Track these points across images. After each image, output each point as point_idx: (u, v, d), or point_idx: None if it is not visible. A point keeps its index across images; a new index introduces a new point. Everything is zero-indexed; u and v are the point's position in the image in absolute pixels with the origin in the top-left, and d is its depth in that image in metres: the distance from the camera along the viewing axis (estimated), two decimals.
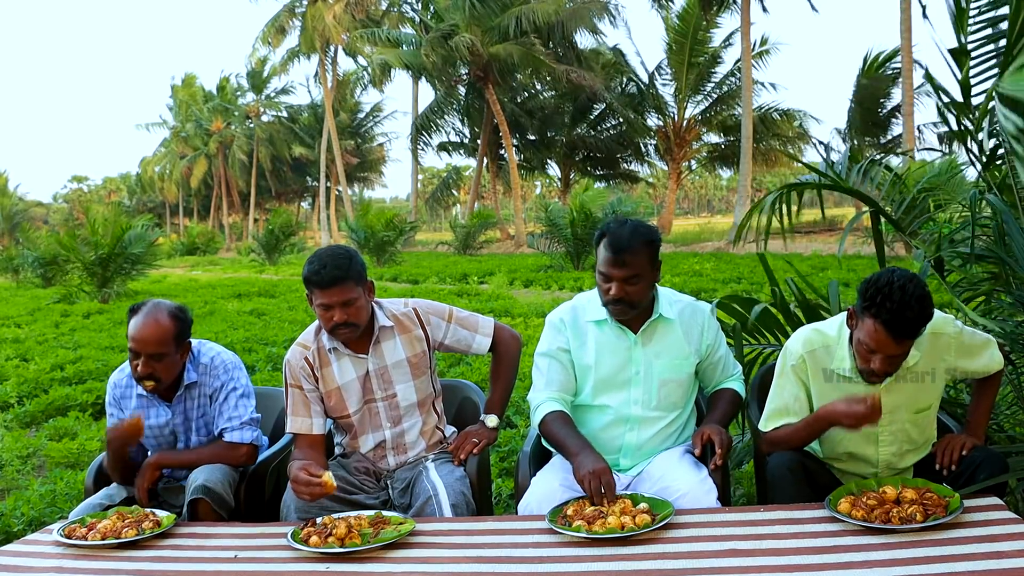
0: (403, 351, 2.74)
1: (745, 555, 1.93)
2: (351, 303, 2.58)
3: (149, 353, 2.66)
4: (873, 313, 2.13)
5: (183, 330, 2.74)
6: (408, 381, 2.75)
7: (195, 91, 55.54)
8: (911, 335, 2.15)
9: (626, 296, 2.50)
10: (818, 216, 35.26)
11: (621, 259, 2.47)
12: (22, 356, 8.65)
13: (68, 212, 74.48)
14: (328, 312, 2.58)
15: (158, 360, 2.68)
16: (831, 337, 2.39)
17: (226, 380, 2.81)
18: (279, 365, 7.26)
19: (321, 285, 2.56)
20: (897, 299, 2.10)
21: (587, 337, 2.63)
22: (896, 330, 2.13)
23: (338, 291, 2.55)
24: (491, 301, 12.21)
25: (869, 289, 2.15)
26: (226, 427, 2.77)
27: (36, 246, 21.07)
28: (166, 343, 2.68)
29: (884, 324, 2.12)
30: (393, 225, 24.23)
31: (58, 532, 2.33)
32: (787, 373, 2.44)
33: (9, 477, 4.73)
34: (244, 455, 2.77)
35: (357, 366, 2.72)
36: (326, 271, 2.55)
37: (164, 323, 2.68)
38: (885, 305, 2.11)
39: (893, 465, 2.45)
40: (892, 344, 2.15)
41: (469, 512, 2.54)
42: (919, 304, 2.12)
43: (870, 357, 2.20)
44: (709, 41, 28.83)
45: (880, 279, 2.15)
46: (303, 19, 36.77)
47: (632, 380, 2.60)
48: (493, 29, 27.79)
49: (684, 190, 73.66)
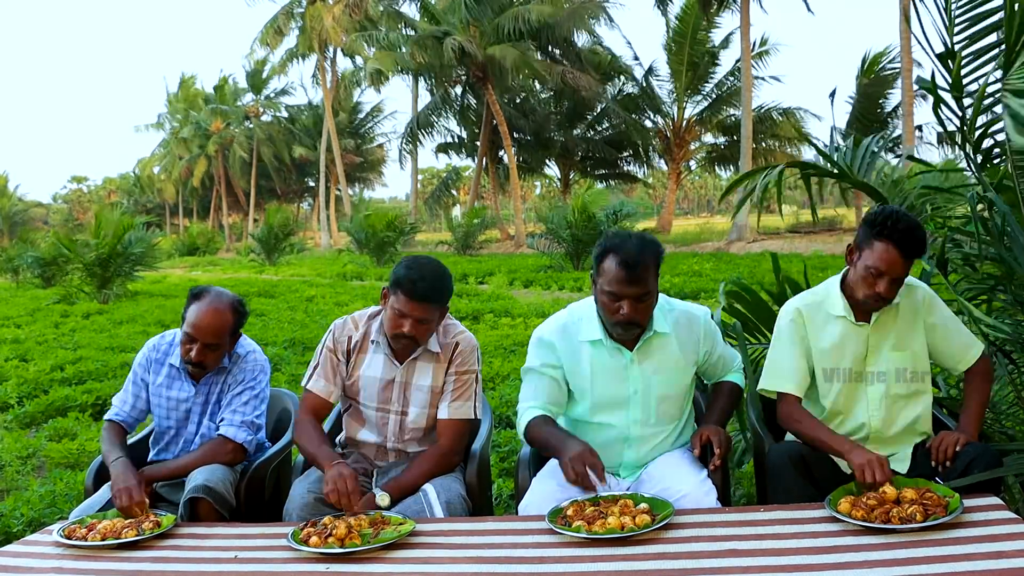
0: (432, 378, 2.70)
1: (745, 555, 1.93)
2: (425, 323, 2.56)
3: (207, 342, 2.72)
4: (886, 235, 2.35)
5: (240, 323, 2.81)
6: (424, 407, 2.71)
7: (195, 92, 55.54)
8: (918, 254, 2.39)
9: (637, 315, 2.41)
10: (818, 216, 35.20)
11: (635, 275, 2.35)
12: (22, 356, 8.65)
13: (68, 213, 74.50)
14: (400, 320, 2.55)
15: (213, 349, 2.74)
16: (820, 292, 2.62)
17: (249, 378, 2.85)
18: (279, 366, 7.28)
19: (410, 295, 2.51)
20: (904, 221, 2.35)
21: (581, 357, 2.56)
22: (907, 249, 2.35)
23: (422, 308, 2.53)
24: (491, 301, 12.20)
25: (878, 217, 2.38)
26: (225, 419, 2.79)
27: (36, 246, 21.05)
28: (224, 334, 2.74)
29: (896, 243, 2.34)
30: (393, 225, 24.24)
31: (58, 533, 2.32)
32: (784, 331, 2.59)
33: (9, 478, 4.73)
34: (230, 452, 2.76)
35: (388, 370, 2.70)
36: (423, 284, 2.50)
37: (226, 314, 2.74)
38: (897, 227, 2.34)
39: (885, 423, 2.51)
40: (901, 264, 2.36)
41: (465, 511, 2.52)
42: (919, 227, 2.38)
43: (876, 282, 2.39)
44: (708, 41, 28.85)
45: (885, 209, 2.41)
46: (302, 20, 36.79)
47: (631, 399, 2.55)
48: (492, 30, 27.80)
49: (684, 190, 73.59)
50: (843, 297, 2.53)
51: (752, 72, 25.04)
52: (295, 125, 49.48)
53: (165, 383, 2.88)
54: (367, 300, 13.21)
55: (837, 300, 2.54)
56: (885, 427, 2.51)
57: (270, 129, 49.36)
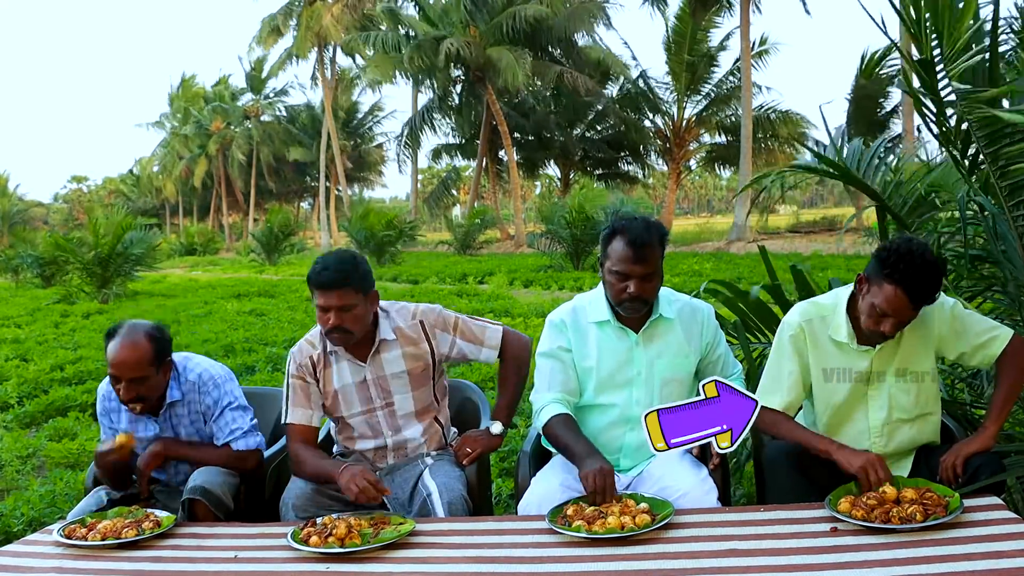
0: (404, 363, 2.73)
1: (745, 555, 1.93)
2: (348, 309, 2.57)
3: (130, 378, 2.62)
4: (895, 279, 2.20)
5: (161, 349, 2.68)
6: (406, 392, 2.74)
7: (195, 91, 55.53)
8: (927, 300, 2.24)
9: (644, 293, 2.47)
10: (818, 216, 35.18)
11: (642, 254, 2.43)
12: (22, 356, 8.65)
13: (68, 212, 74.45)
14: (325, 314, 2.59)
15: (140, 383, 2.64)
16: (827, 307, 2.47)
17: (219, 396, 2.79)
18: (279, 366, 7.26)
19: (321, 286, 2.57)
20: (918, 265, 2.18)
21: (588, 338, 2.61)
22: (915, 295, 2.21)
23: (336, 295, 2.56)
24: (491, 301, 12.20)
25: (890, 256, 2.21)
26: (230, 439, 2.77)
27: (35, 246, 21.02)
28: (145, 366, 2.63)
29: (904, 289, 2.19)
30: (393, 225, 24.22)
31: (58, 532, 2.33)
32: (784, 345, 2.49)
33: (9, 477, 4.73)
34: (253, 461, 2.79)
35: (355, 372, 2.72)
36: (327, 273, 2.56)
37: (141, 345, 2.62)
38: (908, 272, 2.18)
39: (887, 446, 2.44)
40: (908, 308, 2.23)
41: (466, 511, 2.53)
42: (936, 271, 2.22)
43: (881, 320, 2.26)
44: (707, 41, 28.83)
45: (900, 246, 2.22)
46: (299, 20, 36.76)
47: (634, 380, 2.59)
48: (490, 30, 27.78)
49: (684, 190, 73.60)
50: (848, 322, 2.41)
51: (752, 73, 25.02)
52: (294, 125, 49.46)
53: (128, 427, 2.81)
54: None
55: (842, 324, 2.42)
56: (886, 448, 2.45)
57: (270, 129, 49.31)
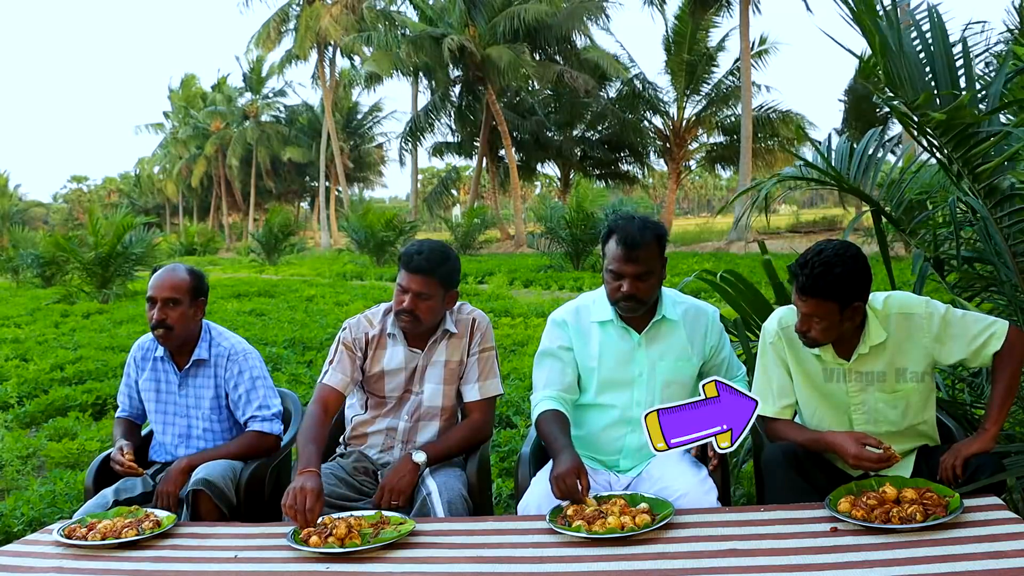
0: (448, 354, 2.76)
1: (745, 555, 1.93)
2: (424, 297, 2.63)
3: (164, 298, 2.81)
4: (794, 284, 2.30)
5: (198, 285, 2.89)
6: (439, 383, 2.76)
7: (195, 91, 55.52)
8: (815, 294, 2.24)
9: (638, 292, 2.49)
10: (818, 216, 35.20)
11: (634, 255, 2.46)
12: (22, 356, 8.65)
13: (68, 212, 74.46)
14: (402, 295, 2.65)
15: (172, 306, 2.82)
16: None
17: (248, 368, 2.92)
18: (279, 365, 7.28)
19: (408, 267, 2.64)
20: (804, 260, 2.26)
21: (591, 338, 2.62)
22: (801, 288, 2.26)
23: (418, 280, 2.62)
24: (491, 301, 12.20)
25: (795, 264, 2.30)
26: (256, 415, 2.86)
27: (35, 245, 21.01)
28: (180, 290, 2.84)
29: (796, 284, 2.28)
30: (393, 225, 24.23)
31: (58, 532, 2.33)
32: (767, 351, 2.52)
33: (9, 477, 4.73)
34: (272, 444, 2.88)
35: (409, 359, 2.76)
36: (418, 258, 2.63)
37: (180, 272, 2.89)
38: (796, 267, 2.28)
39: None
40: (800, 302, 2.28)
41: (466, 510, 2.53)
42: (823, 265, 2.22)
43: (802, 323, 2.32)
44: (707, 41, 28.83)
45: (808, 248, 2.29)
46: (298, 21, 36.76)
47: (635, 381, 2.59)
48: (489, 30, 27.77)
49: (684, 190, 73.60)
50: None
51: (751, 72, 25.02)
52: (294, 125, 49.48)
53: (151, 377, 2.97)
54: (367, 300, 13.20)
55: None
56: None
57: (269, 129, 49.33)
